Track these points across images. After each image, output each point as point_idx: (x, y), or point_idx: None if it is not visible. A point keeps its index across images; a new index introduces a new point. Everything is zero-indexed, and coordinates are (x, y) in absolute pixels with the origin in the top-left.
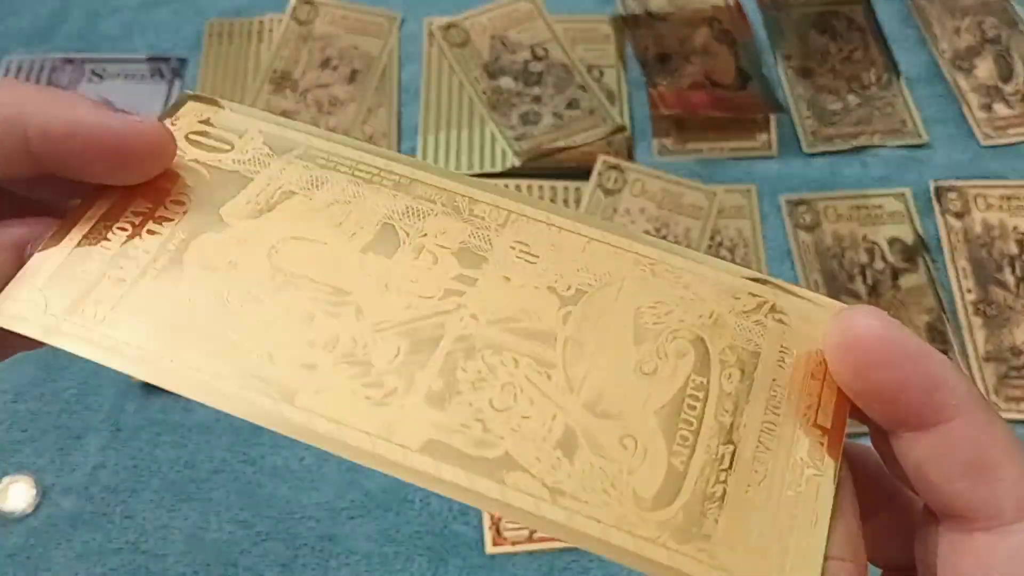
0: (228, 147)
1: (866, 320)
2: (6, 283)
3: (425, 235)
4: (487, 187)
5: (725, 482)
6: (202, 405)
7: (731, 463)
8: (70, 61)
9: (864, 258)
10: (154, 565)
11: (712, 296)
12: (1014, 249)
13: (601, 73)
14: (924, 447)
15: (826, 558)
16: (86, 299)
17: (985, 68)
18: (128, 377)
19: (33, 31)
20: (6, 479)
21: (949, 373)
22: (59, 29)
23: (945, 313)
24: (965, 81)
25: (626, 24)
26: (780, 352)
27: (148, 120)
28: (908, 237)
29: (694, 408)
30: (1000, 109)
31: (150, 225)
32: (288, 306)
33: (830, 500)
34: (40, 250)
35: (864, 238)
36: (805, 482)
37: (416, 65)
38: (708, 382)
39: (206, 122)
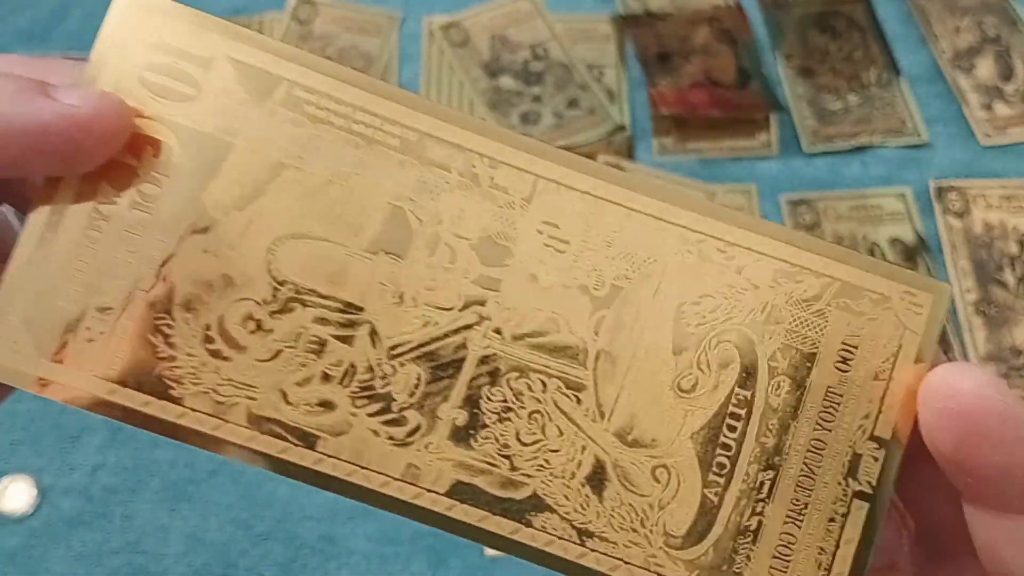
0: (193, 91)
1: (977, 387)
2: None
3: (441, 222)
4: (509, 139)
5: (762, 514)
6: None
7: (770, 492)
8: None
9: None
10: (153, 566)
11: (767, 279)
12: (1014, 249)
13: (601, 72)
14: (1008, 531)
15: None
16: (76, 337)
17: (985, 68)
18: None
19: (33, 30)
20: (5, 479)
21: None
22: (58, 28)
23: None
24: (965, 81)
25: (626, 23)
26: (842, 351)
27: (92, 102)
28: (908, 237)
29: (734, 429)
30: (1000, 109)
31: (125, 223)
32: (296, 331)
33: (878, 529)
34: (3, 285)
35: (864, 238)
36: (853, 509)
37: (416, 65)
38: (753, 396)
39: (159, 46)
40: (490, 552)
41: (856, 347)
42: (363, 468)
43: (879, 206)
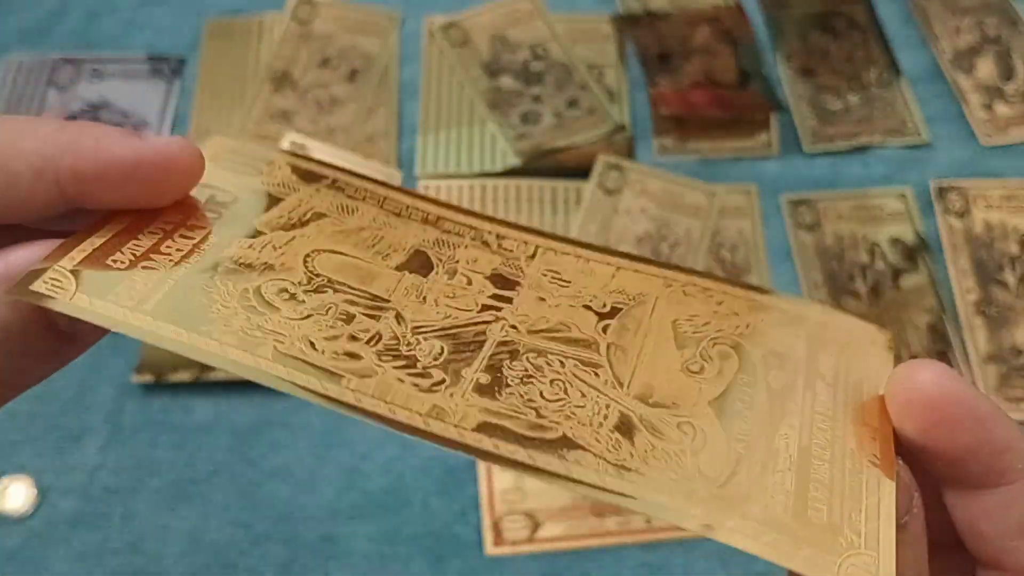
0: (257, 172)
1: (935, 378)
2: (25, 329)
3: (458, 262)
4: (514, 225)
5: (790, 470)
6: (203, 404)
7: (790, 454)
8: (69, 60)
9: (865, 258)
10: (153, 566)
11: (745, 311)
12: (1015, 249)
13: (601, 72)
14: (981, 505)
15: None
16: (119, 283)
17: (986, 68)
18: (127, 377)
19: (32, 30)
20: (5, 479)
21: (1015, 436)
22: (58, 28)
23: (946, 313)
24: (966, 81)
25: (626, 23)
26: (823, 357)
27: (177, 141)
28: (909, 237)
29: (745, 403)
30: (1001, 109)
31: (181, 232)
32: (327, 304)
33: (893, 491)
34: (65, 241)
35: (865, 238)
36: (867, 469)
37: (416, 64)
38: (755, 381)
39: (233, 151)
40: (490, 551)
41: (833, 356)
42: (388, 403)
43: (880, 206)
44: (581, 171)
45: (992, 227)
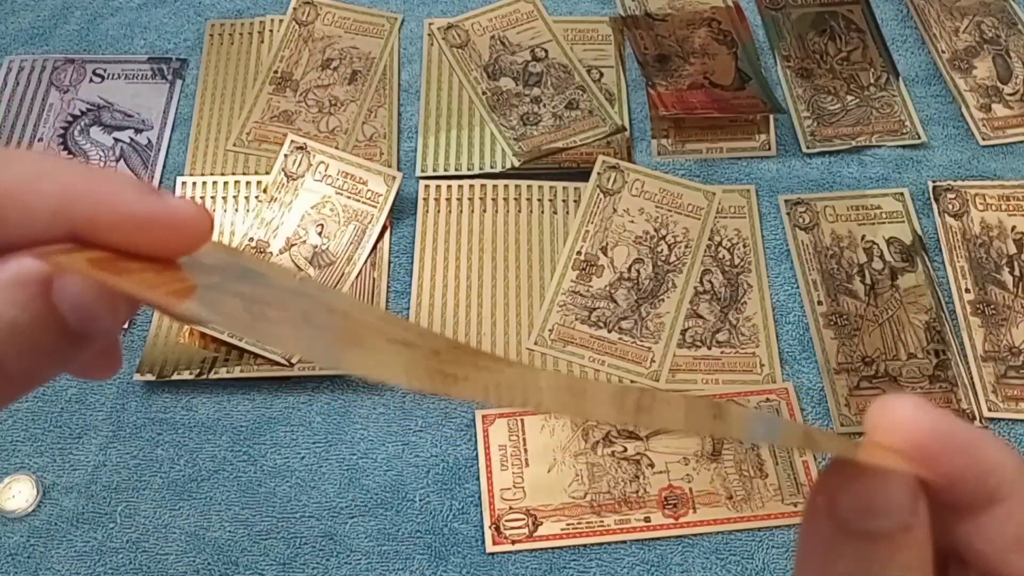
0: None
1: (915, 414)
2: (35, 328)
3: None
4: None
5: None
6: (204, 402)
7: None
8: (71, 61)
9: (862, 258)
10: (154, 564)
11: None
12: (1012, 249)
13: (600, 74)
14: (977, 525)
15: None
16: (132, 275)
17: (984, 68)
18: (129, 376)
19: (34, 31)
20: (7, 478)
21: (1000, 454)
22: (60, 29)
23: (944, 313)
24: (964, 81)
25: (625, 25)
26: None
27: (191, 206)
28: (906, 237)
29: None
30: (999, 109)
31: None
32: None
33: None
34: (77, 244)
35: (863, 238)
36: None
37: (416, 66)
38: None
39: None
40: (490, 549)
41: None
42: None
43: (877, 206)
44: (580, 172)
45: (989, 227)
